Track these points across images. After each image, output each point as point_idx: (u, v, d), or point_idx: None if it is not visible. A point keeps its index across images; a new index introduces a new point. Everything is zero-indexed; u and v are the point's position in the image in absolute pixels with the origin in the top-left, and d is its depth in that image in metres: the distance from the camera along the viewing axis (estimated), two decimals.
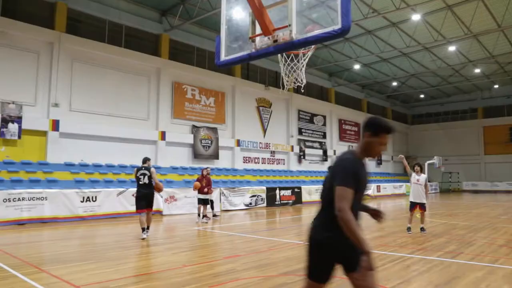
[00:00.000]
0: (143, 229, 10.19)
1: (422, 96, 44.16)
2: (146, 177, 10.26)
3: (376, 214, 3.76)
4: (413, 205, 11.27)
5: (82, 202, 14.28)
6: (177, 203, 16.88)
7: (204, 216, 14.28)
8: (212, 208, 15.23)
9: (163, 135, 20.92)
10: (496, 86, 40.91)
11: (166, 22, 21.54)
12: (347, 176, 2.92)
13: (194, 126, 22.46)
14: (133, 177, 13.03)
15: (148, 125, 20.65)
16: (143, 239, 10.01)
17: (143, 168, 10.38)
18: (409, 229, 11.17)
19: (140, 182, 10.29)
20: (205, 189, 14.21)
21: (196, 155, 22.37)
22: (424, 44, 26.63)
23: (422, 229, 11.18)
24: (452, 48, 27.73)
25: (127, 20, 20.20)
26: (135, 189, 10.80)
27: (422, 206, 11.19)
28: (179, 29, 21.97)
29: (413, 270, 6.65)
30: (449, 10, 22.40)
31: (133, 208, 11.69)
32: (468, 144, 43.92)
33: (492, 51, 28.89)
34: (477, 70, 34.21)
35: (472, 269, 6.68)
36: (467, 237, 10.36)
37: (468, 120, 44.32)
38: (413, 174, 11.33)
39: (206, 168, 14.94)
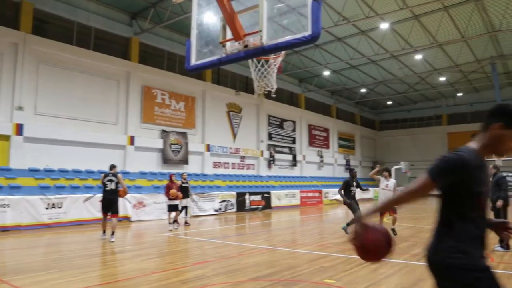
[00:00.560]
0: (104, 231, 10.93)
1: (389, 102, 45.17)
2: (113, 183, 10.75)
3: (504, 227, 2.58)
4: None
5: (47, 209, 13.85)
6: (145, 209, 16.62)
7: (185, 222, 14.32)
8: (186, 214, 14.96)
9: (132, 140, 20.58)
10: (459, 94, 42.32)
11: (137, 25, 21.27)
12: (439, 167, 2.32)
13: (163, 131, 22.21)
14: (100, 183, 13.09)
15: (117, 129, 20.28)
16: (103, 239, 10.77)
17: (110, 174, 10.84)
18: (393, 230, 11.14)
19: (107, 188, 10.73)
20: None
21: (166, 160, 22.11)
22: (392, 52, 27.29)
23: (393, 230, 11.20)
24: (418, 57, 28.52)
25: (96, 22, 19.80)
26: (101, 195, 11.14)
27: (393, 210, 11.14)
28: (149, 33, 21.72)
29: (381, 273, 6.76)
30: (416, 20, 23.07)
31: (100, 215, 11.91)
32: (433, 149, 45.12)
33: (456, 60, 29.89)
34: (442, 78, 35.32)
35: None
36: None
37: (433, 127, 45.61)
38: (382, 180, 11.33)
39: (175, 174, 14.81)
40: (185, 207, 14.63)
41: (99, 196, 14.30)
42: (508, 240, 8.93)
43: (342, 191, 11.56)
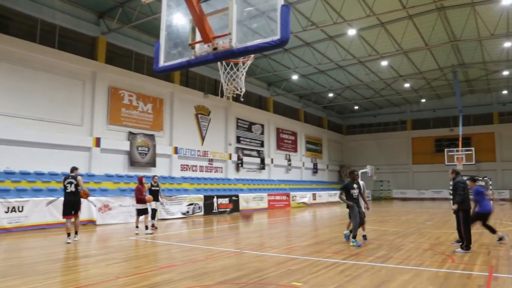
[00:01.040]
0: (68, 234, 10.86)
1: (356, 107, 46.06)
2: (73, 185, 11.00)
3: None
4: None
5: (6, 212, 13.33)
6: (111, 212, 16.26)
7: (152, 226, 14.04)
8: (154, 217, 14.63)
9: (97, 142, 20.12)
10: (423, 100, 43.65)
11: (104, 25, 20.83)
12: None
13: (130, 133, 21.83)
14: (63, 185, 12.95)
15: (82, 131, 19.77)
16: (68, 243, 10.64)
17: (70, 177, 11.11)
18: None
19: (67, 190, 11.00)
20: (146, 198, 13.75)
21: (133, 163, 21.74)
22: (359, 58, 27.86)
23: (364, 237, 11.06)
24: (384, 63, 29.24)
25: (61, 20, 19.25)
26: None
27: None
28: (117, 33, 21.33)
29: (346, 275, 6.87)
30: (382, 27, 23.68)
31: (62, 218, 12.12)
32: (398, 154, 46.34)
33: (420, 68, 30.83)
34: (407, 85, 36.33)
35: (400, 273, 7.02)
36: (396, 242, 10.87)
37: (398, 132, 46.81)
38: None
39: (155, 177, 14.58)
40: (154, 210, 14.42)
41: (62, 199, 14.08)
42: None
43: (343, 196, 10.71)
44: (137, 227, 13.36)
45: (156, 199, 14.26)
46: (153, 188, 14.32)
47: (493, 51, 27.83)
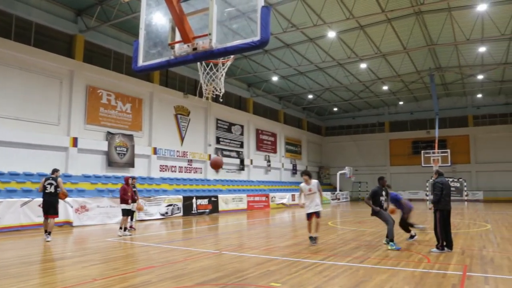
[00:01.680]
0: (46, 231, 11.34)
1: (335, 109, 46.48)
2: (53, 186, 11.48)
3: None
4: (309, 215, 10.66)
5: None
6: (88, 213, 16.00)
7: (131, 227, 13.81)
8: (132, 219, 14.44)
9: (75, 142, 19.78)
10: (401, 103, 44.36)
11: (82, 23, 20.49)
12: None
13: (109, 133, 21.54)
14: (40, 186, 12.81)
15: (59, 130, 19.40)
16: (47, 241, 11.03)
17: (51, 178, 11.60)
18: (311, 238, 10.70)
19: (46, 191, 11.45)
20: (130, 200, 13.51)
21: (111, 163, 21.45)
22: (338, 60, 28.14)
23: (312, 238, 10.67)
24: (363, 66, 29.61)
25: (37, 17, 18.84)
26: (41, 199, 11.89)
27: (317, 214, 10.61)
28: (95, 31, 21.02)
29: (325, 275, 6.92)
30: (362, 30, 23.97)
31: (39, 220, 12.91)
32: (376, 155, 46.96)
33: (398, 71, 31.33)
34: (385, 87, 36.86)
35: (377, 273, 7.11)
36: (374, 242, 11.01)
37: (376, 133, 47.42)
38: (303, 185, 10.76)
39: (134, 178, 14.34)
40: (132, 212, 14.21)
41: (38, 200, 13.86)
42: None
43: (370, 201, 10.37)
44: (121, 228, 13.00)
45: (132, 200, 14.04)
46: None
47: (468, 55, 28.48)
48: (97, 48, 21.90)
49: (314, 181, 10.73)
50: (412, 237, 11.24)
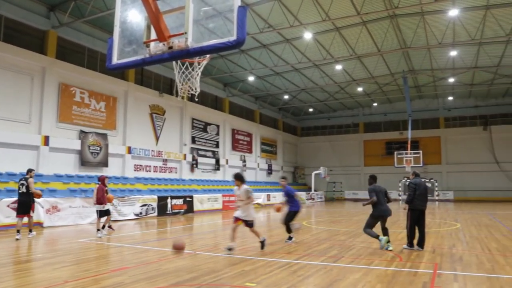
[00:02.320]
0: (18, 231, 11.51)
1: (311, 110, 46.84)
2: (24, 186, 11.81)
3: None
4: (235, 219, 9.57)
5: None
6: (60, 214, 15.64)
7: (109, 226, 13.52)
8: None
9: (46, 140, 19.32)
10: (375, 104, 45.06)
11: (55, 18, 20.01)
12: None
13: (82, 131, 21.12)
14: (8, 186, 12.86)
15: (30, 128, 18.90)
16: (17, 239, 11.30)
17: (23, 179, 11.97)
18: (230, 248, 9.34)
19: (19, 191, 11.85)
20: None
21: (84, 162, 21.04)
22: (314, 61, 28.37)
23: (262, 243, 9.76)
24: (338, 67, 29.95)
25: (8, 11, 18.25)
26: (9, 199, 12.81)
27: (246, 223, 9.48)
28: (69, 27, 20.56)
29: (299, 275, 6.97)
30: (337, 32, 24.24)
31: (6, 220, 13.26)
32: (351, 156, 47.57)
33: (373, 72, 31.84)
34: (360, 89, 37.39)
35: (351, 272, 7.21)
36: (347, 242, 11.15)
37: (351, 134, 48.03)
38: (235, 189, 9.68)
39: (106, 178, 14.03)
40: (109, 212, 13.91)
41: (6, 200, 13.69)
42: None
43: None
44: (98, 230, 12.72)
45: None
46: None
47: (440, 59, 29.18)
48: (71, 44, 21.44)
49: (244, 187, 9.39)
50: (290, 238, 11.11)
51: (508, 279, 6.67)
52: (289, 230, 11.20)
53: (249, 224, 9.49)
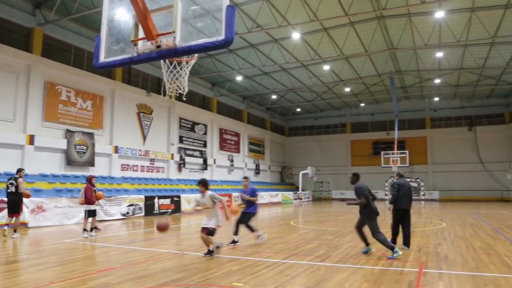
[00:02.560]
0: (15, 231, 11.86)
1: (298, 109, 46.98)
2: (13, 186, 11.83)
3: None
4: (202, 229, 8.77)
5: None
6: (45, 214, 15.44)
7: (95, 227, 13.34)
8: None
9: (31, 139, 19.06)
10: (362, 105, 45.37)
11: (41, 15, 19.73)
12: None
13: (68, 131, 20.89)
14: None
15: (14, 127, 18.62)
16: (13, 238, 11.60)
17: (13, 178, 11.97)
18: (209, 252, 8.84)
19: (8, 190, 11.87)
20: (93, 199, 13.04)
21: (70, 162, 20.81)
22: (302, 61, 28.46)
23: (209, 251, 8.88)
24: (326, 67, 30.08)
25: None
26: None
27: (208, 232, 8.63)
28: (55, 25, 20.32)
29: (286, 274, 6.99)
30: (325, 32, 24.35)
31: None
32: (338, 156, 47.82)
33: (360, 73, 32.05)
34: (347, 89, 37.62)
35: (338, 271, 7.25)
36: (334, 241, 11.21)
37: (338, 134, 48.28)
38: (198, 197, 9.08)
39: (94, 177, 13.84)
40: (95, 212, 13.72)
41: None
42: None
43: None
44: (85, 230, 12.58)
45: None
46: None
47: (426, 60, 29.50)
48: (57, 42, 21.19)
49: (209, 194, 8.80)
50: (234, 242, 10.65)
51: (492, 277, 6.78)
52: (252, 229, 10.92)
53: (209, 231, 8.62)
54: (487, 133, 41.66)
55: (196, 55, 6.79)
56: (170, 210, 22.06)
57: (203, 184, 8.89)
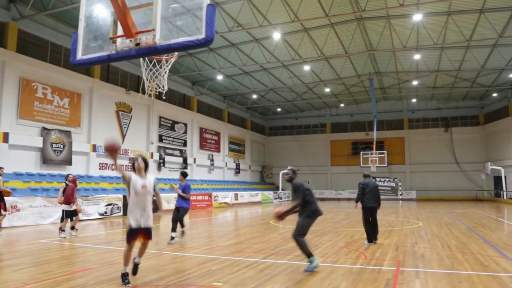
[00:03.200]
0: None
1: (279, 109, 47.12)
2: None
3: None
4: (135, 232, 6.62)
5: None
6: (20, 214, 15.11)
7: (73, 227, 13.06)
8: (63, 220, 13.54)
9: (5, 137, 18.59)
10: (342, 105, 45.81)
11: (15, 10, 19.24)
12: None
13: (44, 128, 20.46)
14: None
15: None
16: None
17: None
18: (125, 277, 6.21)
19: None
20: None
21: (46, 160, 20.39)
22: (283, 61, 28.54)
23: (135, 265, 6.72)
24: (307, 68, 30.25)
25: None
26: None
27: (146, 233, 6.66)
28: (30, 20, 19.86)
29: (266, 274, 6.99)
30: (306, 33, 24.47)
31: None
32: (317, 156, 48.16)
33: (340, 74, 32.32)
34: (327, 90, 37.91)
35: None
36: (314, 240, 11.27)
37: (318, 134, 48.62)
38: (133, 178, 6.68)
39: (69, 175, 13.50)
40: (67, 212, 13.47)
41: None
42: None
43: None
44: (62, 230, 12.27)
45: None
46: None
47: (404, 62, 29.97)
48: (33, 38, 20.72)
49: (154, 179, 7.18)
50: (172, 238, 10.88)
51: (466, 275, 6.92)
52: (175, 228, 11.07)
53: (148, 233, 6.80)
54: (462, 134, 42.61)
55: (176, 53, 6.75)
56: None
57: (184, 176, 10.34)
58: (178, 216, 11.16)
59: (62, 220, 12.95)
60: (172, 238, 10.87)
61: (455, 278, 6.72)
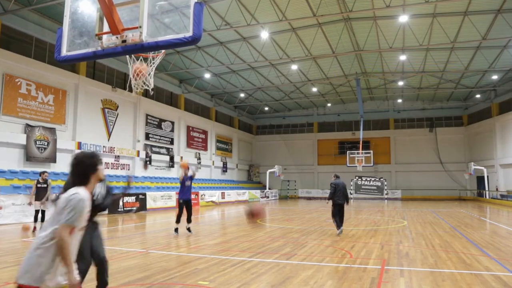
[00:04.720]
0: None
1: (266, 108, 47.13)
2: None
3: None
4: None
5: None
6: (1, 212, 14.86)
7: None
8: (43, 220, 13.01)
9: None
10: (329, 105, 46.02)
11: None
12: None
13: (28, 125, 20.17)
14: None
15: None
16: None
17: None
18: None
19: None
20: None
21: (29, 158, 20.10)
22: (271, 60, 28.56)
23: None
24: (294, 67, 30.32)
25: None
26: None
27: None
28: (14, 15, 19.53)
29: (252, 273, 7.00)
30: (294, 33, 24.52)
31: None
32: (305, 155, 48.32)
33: (327, 73, 32.46)
34: (314, 89, 38.06)
35: (303, 269, 7.33)
36: (300, 239, 11.32)
37: (305, 133, 48.76)
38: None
39: (44, 173, 13.18)
40: (43, 212, 13.03)
41: None
42: None
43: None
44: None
45: (41, 198, 12.90)
46: (39, 185, 12.90)
47: (391, 62, 30.22)
48: (16, 33, 20.39)
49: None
50: (176, 230, 12.50)
51: (449, 273, 7.02)
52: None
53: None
54: (446, 135, 43.17)
55: (163, 51, 6.71)
56: (135, 208, 21.70)
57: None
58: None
59: (42, 220, 12.78)
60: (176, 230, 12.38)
61: (438, 276, 6.80)
